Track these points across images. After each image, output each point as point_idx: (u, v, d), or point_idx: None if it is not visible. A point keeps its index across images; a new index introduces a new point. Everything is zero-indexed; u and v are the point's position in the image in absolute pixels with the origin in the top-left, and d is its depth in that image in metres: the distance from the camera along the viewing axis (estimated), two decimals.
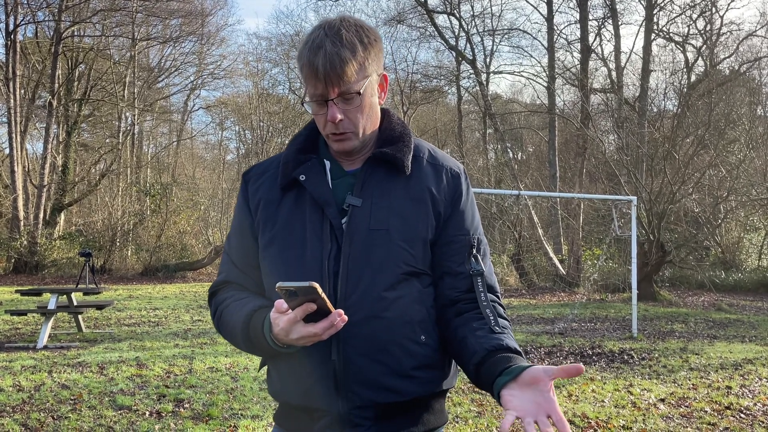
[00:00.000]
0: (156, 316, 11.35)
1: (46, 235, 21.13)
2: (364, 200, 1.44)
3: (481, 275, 1.47)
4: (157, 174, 28.48)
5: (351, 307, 1.38)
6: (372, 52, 1.44)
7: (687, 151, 16.47)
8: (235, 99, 32.79)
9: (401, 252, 1.42)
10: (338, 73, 1.37)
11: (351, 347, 1.38)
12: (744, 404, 5.74)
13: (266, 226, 1.50)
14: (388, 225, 1.43)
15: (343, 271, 1.40)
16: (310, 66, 1.39)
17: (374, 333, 1.39)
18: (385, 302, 1.40)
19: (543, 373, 1.22)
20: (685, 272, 18.73)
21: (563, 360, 7.76)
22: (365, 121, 1.46)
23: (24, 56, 23.37)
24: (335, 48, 1.37)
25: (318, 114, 1.45)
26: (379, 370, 1.39)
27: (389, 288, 1.40)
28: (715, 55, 23.97)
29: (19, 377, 6.27)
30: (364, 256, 1.41)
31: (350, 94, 1.41)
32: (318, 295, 1.23)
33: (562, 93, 25.76)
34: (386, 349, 1.40)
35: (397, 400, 1.41)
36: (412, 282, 1.44)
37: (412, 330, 1.42)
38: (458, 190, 1.52)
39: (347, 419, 1.40)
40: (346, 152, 1.49)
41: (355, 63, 1.39)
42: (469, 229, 1.52)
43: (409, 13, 26.41)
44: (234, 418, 5.08)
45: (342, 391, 1.39)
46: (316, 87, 1.41)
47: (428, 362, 1.45)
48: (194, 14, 28.86)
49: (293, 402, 1.46)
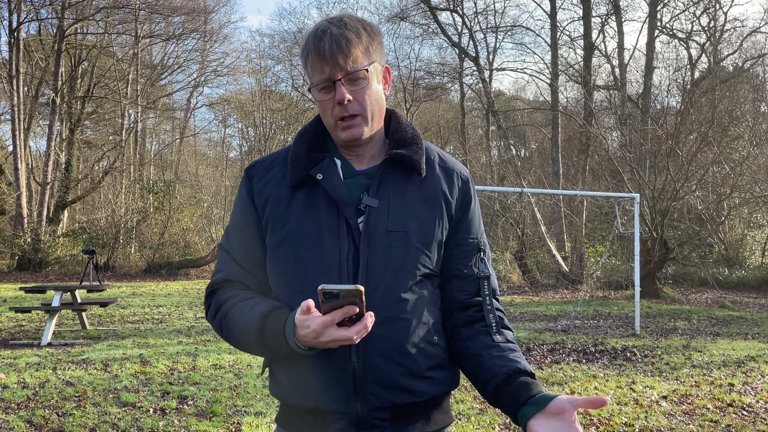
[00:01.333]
0: (159, 313, 11.39)
1: (49, 232, 21.18)
2: (381, 201, 1.44)
3: (488, 279, 1.50)
4: (160, 171, 28.51)
5: (371, 308, 1.38)
6: (375, 41, 1.47)
7: (690, 148, 16.44)
8: (237, 96, 32.78)
9: (419, 254, 1.44)
10: (345, 53, 1.39)
11: (372, 348, 1.39)
12: (746, 401, 5.74)
13: (276, 225, 1.47)
14: (406, 227, 1.43)
15: (362, 272, 1.40)
16: (317, 50, 1.41)
17: (394, 334, 1.40)
18: (405, 304, 1.41)
19: (568, 404, 1.26)
20: (689, 269, 18.71)
21: (566, 357, 7.77)
22: (372, 105, 1.46)
23: (27, 54, 23.40)
24: (340, 30, 1.41)
25: (324, 100, 1.44)
26: (396, 371, 1.40)
27: (408, 290, 1.42)
28: (718, 52, 23.91)
29: (23, 374, 6.30)
30: (383, 258, 1.41)
31: (357, 75, 1.42)
32: (362, 299, 1.23)
33: (565, 90, 25.71)
34: (404, 350, 1.41)
35: (414, 400, 1.42)
36: (426, 284, 1.46)
37: (427, 331, 1.44)
38: (468, 194, 1.55)
39: (364, 421, 1.40)
40: (354, 141, 1.47)
41: (360, 45, 1.42)
42: (477, 233, 1.55)
43: (411, 10, 26.37)
44: (237, 415, 5.10)
45: (360, 393, 1.39)
46: (323, 71, 1.42)
47: (440, 363, 1.47)
48: (197, 11, 28.89)
49: (305, 404, 1.44)
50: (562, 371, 6.92)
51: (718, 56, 23.71)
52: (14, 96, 21.28)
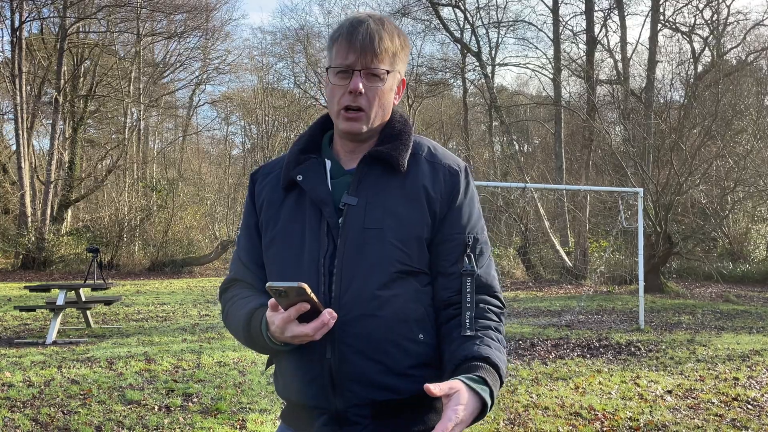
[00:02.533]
0: (164, 311, 11.41)
1: (53, 231, 21.22)
2: (360, 199, 1.45)
3: (471, 275, 1.45)
4: (163, 169, 28.57)
5: (345, 305, 1.39)
6: (404, 52, 1.50)
7: (694, 142, 16.38)
8: (240, 94, 32.80)
9: (394, 251, 1.42)
10: (374, 48, 1.42)
11: (346, 345, 1.39)
12: (751, 395, 5.74)
13: (268, 226, 1.53)
14: (383, 224, 1.43)
15: (337, 270, 1.41)
16: (349, 36, 1.43)
17: (369, 331, 1.40)
18: (379, 301, 1.40)
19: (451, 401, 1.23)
20: (693, 264, 18.67)
21: (570, 352, 7.76)
22: (378, 107, 1.48)
23: (30, 53, 23.42)
24: (377, 27, 1.43)
25: (338, 84, 1.46)
26: (374, 368, 1.40)
27: (383, 287, 1.40)
28: (722, 45, 23.81)
29: (29, 373, 6.32)
30: (358, 255, 1.41)
31: (376, 74, 1.44)
32: (308, 295, 1.24)
33: (568, 85, 25.66)
34: (382, 347, 1.40)
35: (394, 398, 1.42)
36: (408, 281, 1.44)
37: (408, 328, 1.42)
38: (455, 188, 1.50)
39: (345, 417, 1.41)
40: (353, 135, 1.49)
41: (391, 48, 1.45)
42: (465, 227, 1.50)
43: (413, 6, 26.30)
44: (242, 412, 5.11)
45: (338, 389, 1.40)
46: (347, 57, 1.43)
47: (427, 360, 1.45)
48: (199, 9, 28.85)
49: (294, 399, 1.49)
50: (566, 366, 6.92)
51: (721, 50, 23.62)
52: (17, 95, 21.31)
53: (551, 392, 5.79)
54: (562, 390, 5.88)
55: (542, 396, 5.65)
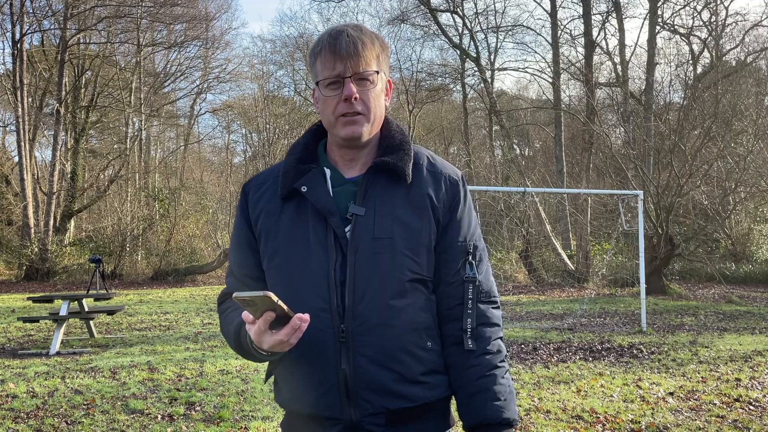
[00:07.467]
0: (167, 320, 11.43)
1: (56, 241, 21.27)
2: (367, 209, 1.45)
3: (473, 282, 1.49)
4: (165, 179, 28.62)
5: (360, 316, 1.41)
6: (384, 53, 1.52)
7: (694, 144, 16.39)
8: (240, 102, 32.88)
9: (406, 260, 1.44)
10: (359, 53, 1.44)
11: (361, 356, 1.41)
12: (753, 396, 5.74)
13: (268, 237, 1.51)
14: (392, 233, 1.44)
15: (349, 280, 1.42)
16: (331, 47, 1.45)
17: (384, 341, 1.41)
18: (393, 310, 1.42)
19: None
20: (695, 265, 18.64)
21: (572, 355, 7.77)
22: (375, 108, 1.49)
23: (31, 65, 23.55)
24: (357, 33, 1.46)
25: (331, 96, 1.47)
26: (389, 377, 1.41)
27: (396, 296, 1.42)
28: (720, 47, 23.86)
29: (32, 383, 6.34)
30: (370, 265, 1.42)
31: (366, 76, 1.46)
32: (274, 303, 1.23)
33: (567, 88, 25.73)
34: (396, 356, 1.42)
35: (408, 405, 1.44)
36: (418, 289, 1.46)
37: (419, 336, 1.45)
38: (456, 197, 1.53)
39: (359, 427, 1.43)
40: (354, 138, 1.48)
41: (373, 51, 1.47)
42: (466, 236, 1.53)
43: (412, 12, 26.43)
44: (245, 419, 5.13)
45: (353, 399, 1.41)
46: (334, 67, 1.45)
47: (435, 367, 1.48)
48: (198, 19, 28.96)
49: (303, 411, 1.48)
50: (568, 369, 6.92)
51: (720, 51, 23.66)
52: (19, 107, 21.39)
53: (553, 396, 5.80)
54: (564, 393, 5.89)
55: (544, 399, 5.66)
